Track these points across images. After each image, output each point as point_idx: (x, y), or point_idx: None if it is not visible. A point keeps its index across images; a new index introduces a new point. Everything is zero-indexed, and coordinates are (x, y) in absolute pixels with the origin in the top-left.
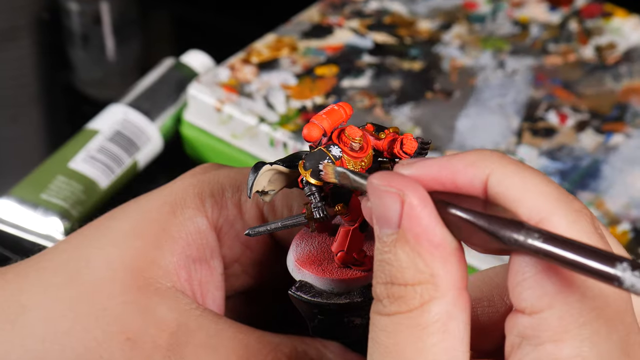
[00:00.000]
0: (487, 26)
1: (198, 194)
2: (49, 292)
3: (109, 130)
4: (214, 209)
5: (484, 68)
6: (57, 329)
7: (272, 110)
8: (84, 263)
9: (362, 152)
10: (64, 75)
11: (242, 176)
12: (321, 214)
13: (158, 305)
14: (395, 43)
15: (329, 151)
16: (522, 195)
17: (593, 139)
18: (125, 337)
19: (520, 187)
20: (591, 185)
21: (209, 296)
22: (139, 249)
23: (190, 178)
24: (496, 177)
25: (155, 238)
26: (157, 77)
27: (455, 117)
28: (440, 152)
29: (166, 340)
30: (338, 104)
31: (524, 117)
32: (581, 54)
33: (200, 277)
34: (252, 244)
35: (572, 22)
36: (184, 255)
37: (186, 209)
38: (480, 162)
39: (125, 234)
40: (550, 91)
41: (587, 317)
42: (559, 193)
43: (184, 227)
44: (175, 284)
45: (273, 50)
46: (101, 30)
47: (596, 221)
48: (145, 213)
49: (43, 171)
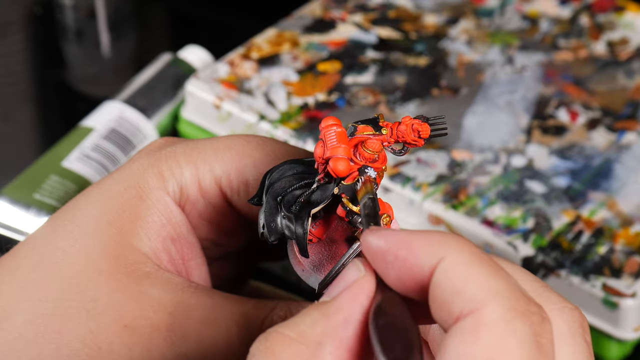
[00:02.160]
0: (496, 21)
1: (158, 174)
2: (30, 292)
3: (104, 128)
4: (175, 189)
5: (492, 64)
6: (48, 329)
7: (272, 107)
8: (60, 256)
9: (382, 162)
10: (58, 72)
11: (197, 152)
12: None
13: (150, 288)
14: (400, 38)
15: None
16: (462, 287)
17: (605, 138)
18: (122, 325)
19: (463, 279)
20: (603, 185)
21: (195, 272)
22: (115, 237)
23: (147, 157)
24: (444, 265)
25: (128, 225)
26: (153, 73)
27: (462, 115)
28: (447, 152)
29: (165, 321)
30: (331, 121)
31: (533, 114)
32: (592, 49)
33: (182, 255)
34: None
35: (583, 16)
36: (161, 238)
37: (151, 191)
38: (436, 245)
39: (96, 221)
40: (560, 88)
41: None
42: (505, 290)
43: (154, 210)
44: (160, 266)
45: (274, 46)
46: (96, 25)
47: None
48: (111, 199)
49: (36, 170)
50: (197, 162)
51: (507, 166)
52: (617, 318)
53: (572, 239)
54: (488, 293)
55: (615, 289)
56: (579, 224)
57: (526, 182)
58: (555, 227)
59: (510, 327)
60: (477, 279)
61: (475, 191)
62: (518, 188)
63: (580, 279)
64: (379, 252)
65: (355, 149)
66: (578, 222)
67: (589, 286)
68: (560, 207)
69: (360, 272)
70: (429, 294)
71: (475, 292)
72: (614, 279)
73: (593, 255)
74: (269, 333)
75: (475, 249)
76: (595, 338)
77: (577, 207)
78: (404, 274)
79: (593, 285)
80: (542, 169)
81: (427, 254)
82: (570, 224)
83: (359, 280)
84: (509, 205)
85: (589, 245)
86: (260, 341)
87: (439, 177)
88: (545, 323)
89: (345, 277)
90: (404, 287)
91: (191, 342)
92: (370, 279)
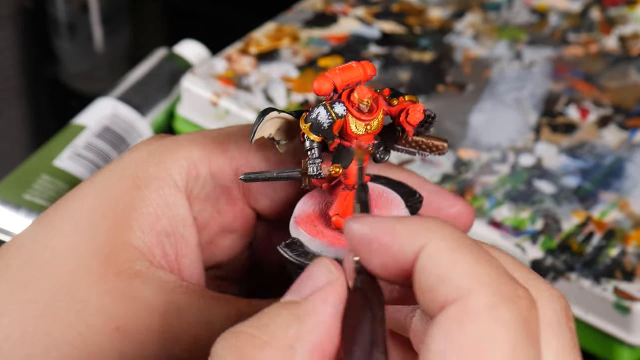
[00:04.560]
0: (503, 14)
1: (159, 162)
2: (19, 293)
3: (97, 126)
4: (182, 174)
5: (500, 59)
6: (36, 331)
7: (272, 104)
8: (50, 255)
9: (370, 115)
10: (49, 68)
11: (202, 137)
12: (316, 170)
13: (142, 290)
14: (404, 33)
15: (332, 108)
16: (447, 274)
17: (616, 136)
18: (113, 328)
19: (447, 265)
20: (614, 185)
21: (188, 270)
22: (107, 233)
23: (147, 146)
24: (428, 251)
25: (122, 218)
26: (148, 69)
27: (468, 112)
28: (453, 150)
29: (158, 323)
30: (358, 62)
31: (542, 112)
32: (604, 44)
33: (176, 251)
34: (224, 208)
35: (594, 10)
36: (155, 232)
37: (150, 180)
38: (420, 231)
39: (88, 217)
40: (570, 84)
41: None
42: (489, 276)
43: (151, 201)
44: (153, 263)
45: (273, 41)
46: (89, 19)
47: (535, 317)
48: (105, 191)
49: (26, 170)
50: (206, 144)
51: (515, 166)
52: (629, 323)
53: (582, 241)
54: (474, 280)
55: (628, 293)
56: (590, 225)
57: (535, 182)
58: (565, 228)
59: (497, 314)
60: (462, 266)
61: (482, 192)
62: (526, 188)
63: (591, 282)
64: (364, 240)
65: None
66: (589, 223)
67: (600, 290)
68: (570, 208)
69: (332, 275)
70: (414, 281)
71: (461, 279)
72: (626, 283)
73: (604, 258)
74: (237, 333)
75: (460, 234)
76: (606, 343)
77: (587, 208)
78: (387, 261)
79: (604, 289)
80: (551, 168)
81: (411, 240)
82: (580, 226)
83: (332, 283)
84: (517, 206)
85: (600, 247)
86: (226, 340)
87: (444, 176)
88: (534, 308)
89: (314, 277)
90: (388, 274)
91: (186, 344)
92: (343, 281)
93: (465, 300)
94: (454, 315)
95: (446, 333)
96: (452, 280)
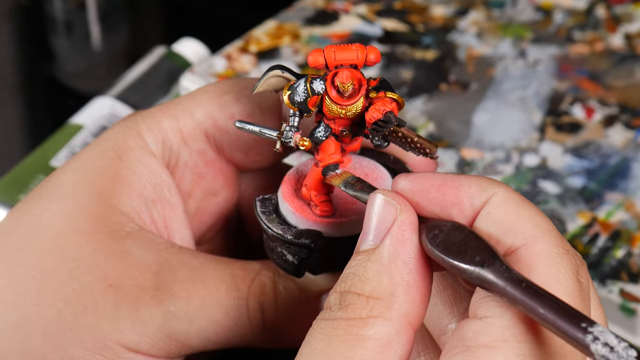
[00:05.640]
0: (507, 12)
1: (136, 134)
2: (7, 258)
3: (94, 125)
4: (157, 144)
5: (504, 58)
6: (28, 291)
7: None
8: (37, 220)
9: (347, 100)
10: (46, 66)
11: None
12: (287, 137)
13: (133, 248)
14: (406, 30)
15: (311, 83)
16: (514, 222)
17: (622, 135)
18: (106, 285)
19: (513, 215)
20: (620, 185)
21: (177, 236)
22: (94, 197)
23: (124, 121)
24: (496, 200)
25: (109, 185)
26: (146, 68)
27: (472, 111)
28: (457, 150)
29: (151, 280)
30: (360, 45)
31: (547, 111)
32: (609, 42)
33: (163, 217)
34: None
35: (600, 7)
36: (142, 199)
37: (131, 151)
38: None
39: (75, 184)
40: (575, 83)
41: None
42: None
43: (134, 170)
44: (143, 227)
45: (273, 38)
46: (86, 17)
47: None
48: (89, 163)
49: (23, 170)
50: (175, 112)
51: (520, 165)
52: (635, 325)
53: (587, 242)
54: (539, 229)
55: (633, 295)
56: (595, 226)
57: (539, 182)
58: (570, 229)
59: (560, 261)
60: (527, 217)
61: None
62: (531, 188)
63: (597, 284)
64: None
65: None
66: (594, 224)
67: (605, 292)
68: (575, 208)
69: (396, 208)
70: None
71: (527, 227)
72: (632, 284)
73: (610, 260)
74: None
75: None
76: None
77: (593, 208)
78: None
79: (610, 290)
80: (556, 168)
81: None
82: (585, 227)
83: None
84: None
85: (605, 248)
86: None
87: None
88: (584, 265)
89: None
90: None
91: (180, 301)
92: (409, 210)
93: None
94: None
95: None
96: (517, 228)
